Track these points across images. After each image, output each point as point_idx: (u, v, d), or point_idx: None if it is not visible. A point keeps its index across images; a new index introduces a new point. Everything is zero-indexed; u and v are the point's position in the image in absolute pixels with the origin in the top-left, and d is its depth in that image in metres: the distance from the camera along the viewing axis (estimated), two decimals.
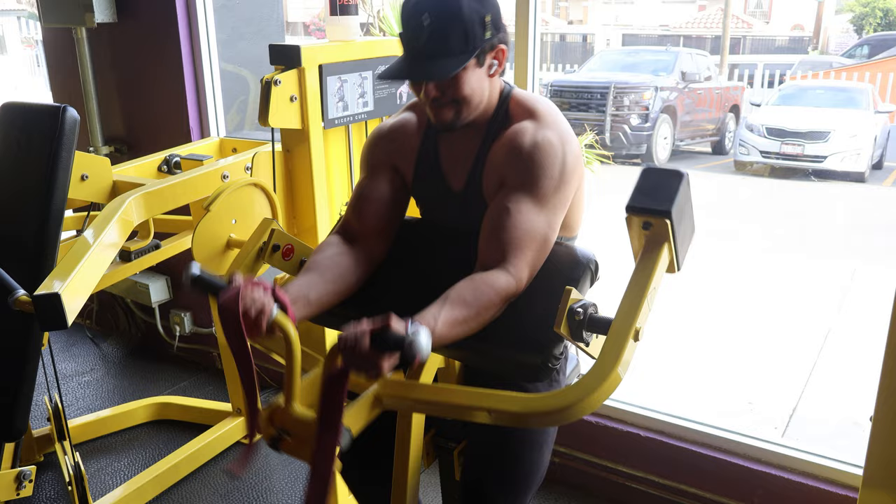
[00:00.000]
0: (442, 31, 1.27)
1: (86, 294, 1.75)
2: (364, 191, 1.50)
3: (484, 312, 1.24)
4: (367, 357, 1.04)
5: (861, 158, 8.31)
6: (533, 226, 1.31)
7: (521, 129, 1.36)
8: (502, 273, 1.28)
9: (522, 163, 1.33)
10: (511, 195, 1.33)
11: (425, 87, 1.34)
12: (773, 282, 5.13)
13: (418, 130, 1.51)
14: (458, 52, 1.28)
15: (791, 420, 3.21)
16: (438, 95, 1.33)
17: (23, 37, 18.65)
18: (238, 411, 2.70)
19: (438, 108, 1.35)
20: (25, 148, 2.01)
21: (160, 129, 3.03)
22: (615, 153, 8.37)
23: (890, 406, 1.36)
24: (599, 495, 2.34)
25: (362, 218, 1.47)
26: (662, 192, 1.10)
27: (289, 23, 18.65)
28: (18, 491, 2.18)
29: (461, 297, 1.22)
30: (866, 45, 14.09)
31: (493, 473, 1.44)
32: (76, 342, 3.50)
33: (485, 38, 1.31)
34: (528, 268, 1.30)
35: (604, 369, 1.07)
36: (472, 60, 1.31)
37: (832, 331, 4.16)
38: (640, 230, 1.12)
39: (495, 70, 1.37)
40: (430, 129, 1.51)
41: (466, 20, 1.27)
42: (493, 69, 1.37)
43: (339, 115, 2.10)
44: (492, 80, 1.38)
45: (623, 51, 14.72)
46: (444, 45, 1.27)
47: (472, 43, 1.29)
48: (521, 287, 1.29)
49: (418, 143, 1.51)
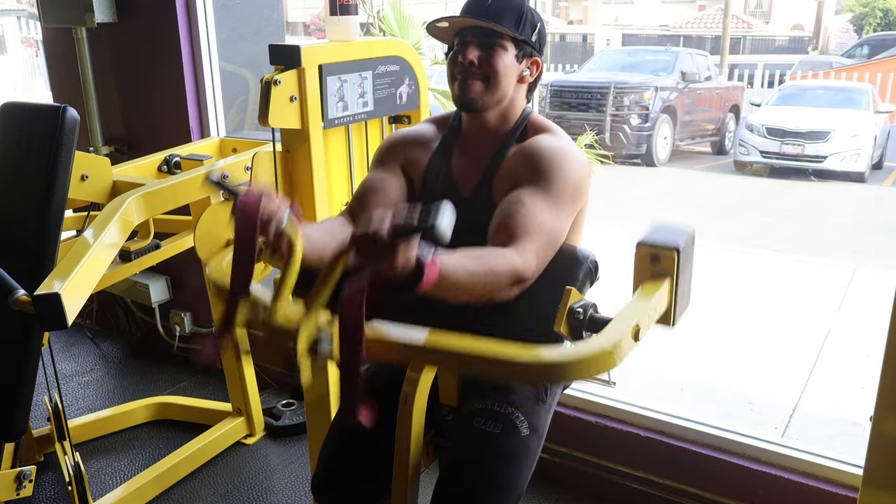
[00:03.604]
0: (503, 6, 1.39)
1: (86, 294, 1.75)
2: (371, 182, 1.53)
3: (492, 276, 1.21)
4: (385, 246, 1.01)
5: (861, 158, 8.31)
6: (544, 218, 1.32)
7: (540, 138, 1.44)
8: (510, 251, 1.27)
9: (541, 162, 1.37)
10: (526, 189, 1.35)
11: (466, 51, 1.40)
12: (773, 282, 5.13)
13: (435, 139, 1.56)
14: (509, 28, 1.39)
15: (791, 420, 3.21)
16: (475, 63, 1.40)
17: (23, 37, 18.65)
18: (238, 411, 2.70)
19: (469, 80, 1.41)
20: (25, 148, 2.01)
21: (160, 129, 3.03)
22: (615, 153, 8.36)
23: (890, 406, 1.36)
24: (599, 495, 2.34)
25: (365, 207, 1.49)
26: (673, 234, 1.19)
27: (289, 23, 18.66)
28: (18, 491, 2.18)
29: (473, 252, 1.22)
30: (866, 45, 14.11)
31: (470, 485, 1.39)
32: (76, 342, 3.50)
33: (531, 38, 1.42)
34: (536, 256, 1.29)
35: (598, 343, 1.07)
36: (514, 49, 1.41)
37: (832, 331, 4.16)
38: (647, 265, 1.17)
39: (526, 77, 1.46)
40: (447, 137, 1.54)
41: (523, 11, 1.41)
42: (525, 75, 1.46)
43: (339, 115, 2.10)
44: (520, 86, 1.46)
45: (623, 51, 14.73)
46: (500, 17, 1.39)
47: (521, 30, 1.40)
48: (527, 272, 1.27)
49: (433, 151, 1.54)
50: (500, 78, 1.40)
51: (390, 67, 2.20)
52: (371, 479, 1.53)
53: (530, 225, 1.30)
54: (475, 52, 1.39)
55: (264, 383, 2.97)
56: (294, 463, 2.57)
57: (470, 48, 1.39)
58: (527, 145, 1.43)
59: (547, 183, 1.35)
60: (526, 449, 1.43)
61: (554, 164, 1.36)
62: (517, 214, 1.31)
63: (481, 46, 1.40)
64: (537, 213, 1.31)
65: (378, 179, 1.52)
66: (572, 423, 2.35)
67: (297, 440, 2.69)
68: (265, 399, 2.86)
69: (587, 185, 1.41)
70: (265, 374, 2.99)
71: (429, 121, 1.63)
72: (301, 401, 2.82)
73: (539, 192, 1.34)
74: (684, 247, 1.16)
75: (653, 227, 1.20)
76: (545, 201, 1.33)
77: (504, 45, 1.39)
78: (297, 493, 2.42)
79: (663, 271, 1.16)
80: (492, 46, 1.39)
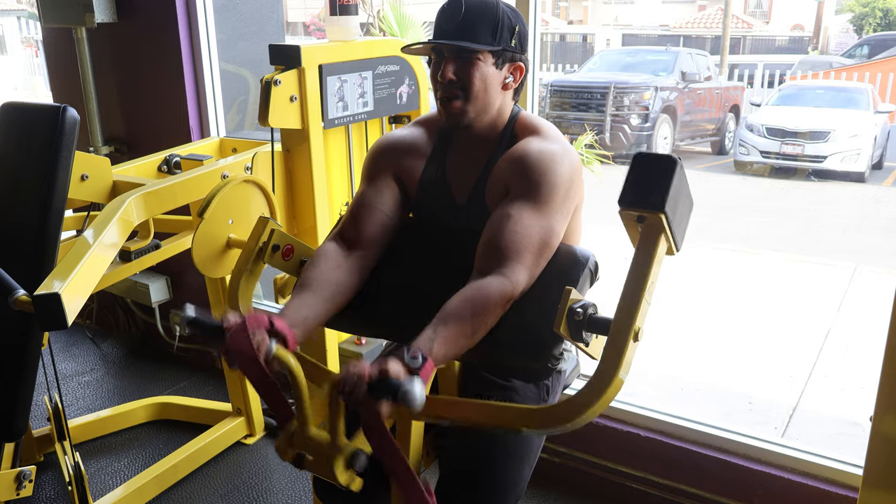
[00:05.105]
0: (474, 19, 1.37)
1: (86, 294, 1.75)
2: (364, 199, 1.50)
3: (482, 323, 1.24)
4: (364, 403, 1.07)
5: (861, 158, 8.31)
6: (532, 231, 1.31)
7: (527, 142, 1.42)
8: (497, 278, 1.27)
9: (527, 170, 1.36)
10: (514, 202, 1.34)
11: (444, 68, 1.39)
12: (773, 281, 5.13)
13: (429, 143, 1.54)
14: (483, 42, 1.37)
15: (791, 420, 3.21)
16: (454, 79, 1.39)
17: (23, 37, 18.64)
18: (238, 411, 2.70)
19: (450, 99, 1.40)
20: (25, 148, 2.01)
21: (160, 129, 3.03)
22: (615, 153, 8.37)
23: (890, 406, 1.36)
24: (599, 495, 2.34)
25: (360, 226, 1.47)
26: (655, 182, 1.06)
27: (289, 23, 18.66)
28: (18, 491, 2.18)
29: (457, 314, 1.22)
30: (866, 45, 14.09)
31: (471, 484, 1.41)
32: (76, 342, 3.50)
33: (510, 44, 1.40)
34: (525, 272, 1.30)
35: (606, 376, 1.07)
36: (492, 58, 1.39)
37: (832, 331, 4.16)
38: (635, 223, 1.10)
39: (510, 83, 1.44)
40: (440, 143, 1.53)
41: (498, 18, 1.38)
42: (508, 81, 1.44)
43: (339, 115, 2.10)
44: (504, 93, 1.45)
45: (623, 51, 14.71)
46: (474, 31, 1.37)
47: (498, 39, 1.38)
48: (518, 291, 1.29)
49: (427, 156, 1.53)
50: (478, 92, 1.39)
51: (390, 67, 2.21)
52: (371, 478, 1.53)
53: (519, 242, 1.30)
54: (452, 68, 1.38)
55: None
56: None
57: (447, 65, 1.39)
58: (513, 151, 1.41)
59: (535, 191, 1.34)
60: (526, 448, 1.44)
61: (540, 169, 1.35)
62: (505, 231, 1.31)
63: (458, 61, 1.38)
64: (526, 226, 1.31)
65: (370, 195, 1.50)
66: None
67: None
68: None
69: (578, 182, 1.40)
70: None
71: (416, 124, 1.59)
72: None
73: (527, 203, 1.33)
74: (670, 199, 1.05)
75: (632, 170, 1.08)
76: (534, 212, 1.32)
77: (481, 57, 1.38)
78: (297, 493, 2.42)
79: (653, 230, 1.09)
80: (468, 60, 1.38)
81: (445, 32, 1.39)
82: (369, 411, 1.07)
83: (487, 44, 1.37)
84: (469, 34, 1.37)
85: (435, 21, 1.43)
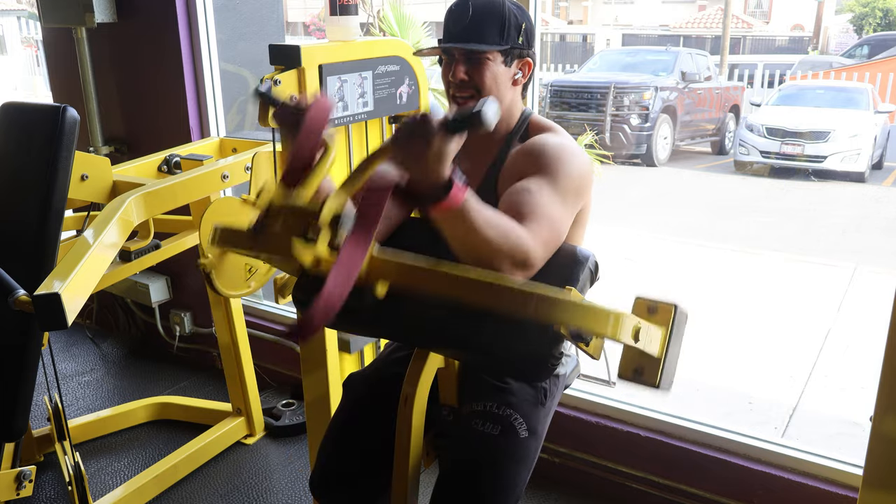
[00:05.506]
0: (482, 20, 1.41)
1: (86, 294, 1.75)
2: None
3: (504, 239, 1.19)
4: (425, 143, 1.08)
5: (861, 158, 8.31)
6: (551, 209, 1.31)
7: (544, 136, 1.46)
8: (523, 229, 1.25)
9: (545, 157, 1.38)
10: (532, 179, 1.35)
11: (454, 69, 1.43)
12: (773, 282, 5.14)
13: None
14: (491, 42, 1.41)
15: (791, 420, 3.21)
16: (465, 79, 1.42)
17: (23, 37, 18.65)
18: (238, 411, 2.70)
19: (463, 98, 1.44)
20: (25, 148, 2.01)
21: (160, 129, 3.03)
22: (615, 153, 8.37)
23: (890, 406, 1.36)
24: (599, 495, 2.34)
25: None
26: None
27: (289, 23, 18.67)
28: (18, 491, 2.18)
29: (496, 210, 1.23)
30: (866, 45, 14.11)
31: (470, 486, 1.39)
32: (76, 342, 3.50)
33: (518, 41, 1.44)
34: (543, 244, 1.27)
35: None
36: (501, 57, 1.43)
37: (832, 331, 4.16)
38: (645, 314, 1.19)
39: (519, 79, 1.48)
40: None
41: (505, 17, 1.42)
42: (518, 77, 1.48)
43: (339, 115, 2.10)
44: (514, 89, 1.49)
45: (623, 51, 14.71)
46: (482, 32, 1.41)
47: (506, 38, 1.42)
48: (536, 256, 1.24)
49: None
50: (489, 90, 1.43)
51: (390, 67, 2.20)
52: (370, 478, 1.53)
53: (538, 212, 1.29)
54: (463, 69, 1.43)
55: (264, 383, 2.98)
56: (294, 463, 2.57)
57: (458, 66, 1.43)
58: (529, 143, 1.44)
59: (552, 176, 1.35)
60: (524, 451, 1.43)
61: (558, 159, 1.37)
62: (525, 202, 1.31)
63: (468, 62, 1.42)
64: (545, 203, 1.31)
65: None
66: (572, 423, 2.35)
67: (297, 440, 2.69)
68: (265, 399, 2.86)
69: (589, 183, 1.42)
70: (265, 375, 2.99)
71: None
72: (301, 401, 2.82)
73: (545, 182, 1.34)
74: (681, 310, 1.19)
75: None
76: (552, 193, 1.33)
77: (490, 57, 1.42)
78: (297, 493, 2.42)
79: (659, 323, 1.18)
80: (478, 60, 1.42)
81: (454, 34, 1.42)
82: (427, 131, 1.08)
83: (495, 43, 1.41)
84: (477, 35, 1.41)
85: (443, 23, 1.46)
